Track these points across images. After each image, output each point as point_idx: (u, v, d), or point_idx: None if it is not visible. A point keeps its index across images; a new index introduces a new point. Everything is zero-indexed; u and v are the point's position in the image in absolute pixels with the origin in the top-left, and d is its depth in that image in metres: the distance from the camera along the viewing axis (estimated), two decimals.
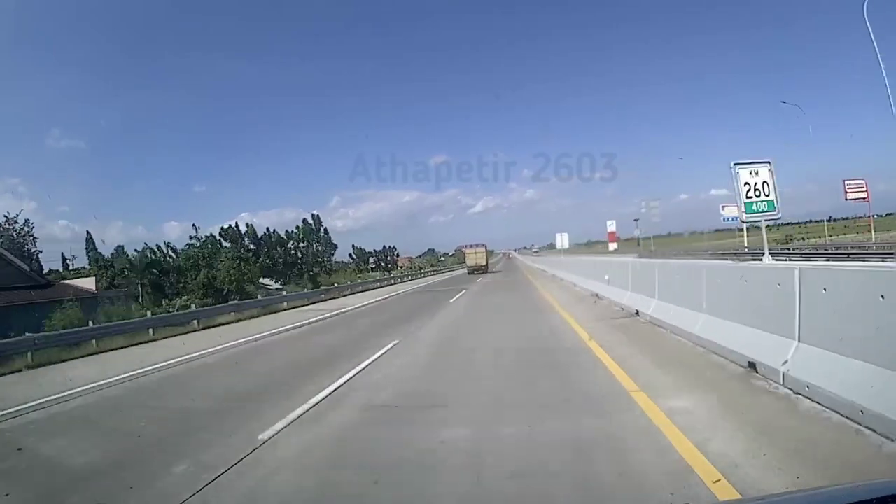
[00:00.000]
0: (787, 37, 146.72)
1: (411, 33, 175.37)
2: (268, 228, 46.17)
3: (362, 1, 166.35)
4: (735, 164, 7.54)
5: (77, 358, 11.35)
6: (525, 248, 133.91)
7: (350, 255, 69.21)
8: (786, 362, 3.93)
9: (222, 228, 41.34)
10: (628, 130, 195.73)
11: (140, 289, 30.02)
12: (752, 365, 4.44)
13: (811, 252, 25.95)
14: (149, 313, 17.03)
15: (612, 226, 51.54)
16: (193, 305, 18.89)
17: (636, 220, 54.46)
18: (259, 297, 24.25)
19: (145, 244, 35.22)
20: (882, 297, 3.09)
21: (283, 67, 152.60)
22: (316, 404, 5.01)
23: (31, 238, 38.36)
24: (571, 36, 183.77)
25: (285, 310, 20.22)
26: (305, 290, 28.52)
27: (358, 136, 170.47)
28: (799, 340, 3.90)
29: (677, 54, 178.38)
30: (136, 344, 12.83)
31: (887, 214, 76.93)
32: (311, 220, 48.97)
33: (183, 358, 9.30)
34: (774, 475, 2.62)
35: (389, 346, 8.22)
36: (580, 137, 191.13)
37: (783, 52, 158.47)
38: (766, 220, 7.82)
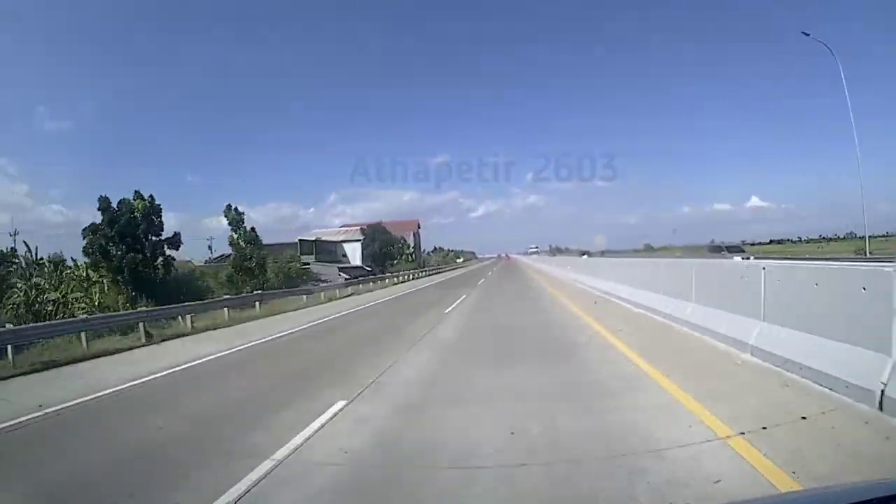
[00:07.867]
0: (791, 46, 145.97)
1: (418, 30, 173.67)
2: None
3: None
4: None
5: None
6: (539, 249, 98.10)
7: None
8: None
9: None
10: (638, 140, 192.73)
11: None
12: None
13: None
14: None
15: None
16: None
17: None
18: None
19: None
20: None
21: (286, 60, 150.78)
22: None
23: None
24: (576, 37, 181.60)
25: None
26: None
27: (358, 134, 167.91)
28: None
29: (681, 58, 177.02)
30: None
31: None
32: None
33: None
34: None
35: None
36: (589, 142, 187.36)
37: (788, 64, 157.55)
38: None
